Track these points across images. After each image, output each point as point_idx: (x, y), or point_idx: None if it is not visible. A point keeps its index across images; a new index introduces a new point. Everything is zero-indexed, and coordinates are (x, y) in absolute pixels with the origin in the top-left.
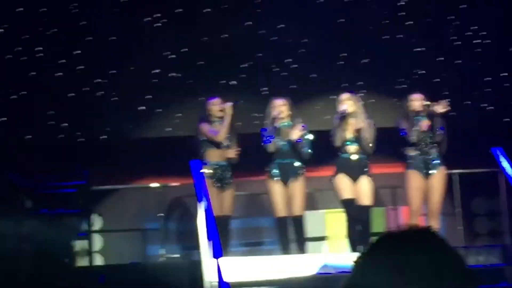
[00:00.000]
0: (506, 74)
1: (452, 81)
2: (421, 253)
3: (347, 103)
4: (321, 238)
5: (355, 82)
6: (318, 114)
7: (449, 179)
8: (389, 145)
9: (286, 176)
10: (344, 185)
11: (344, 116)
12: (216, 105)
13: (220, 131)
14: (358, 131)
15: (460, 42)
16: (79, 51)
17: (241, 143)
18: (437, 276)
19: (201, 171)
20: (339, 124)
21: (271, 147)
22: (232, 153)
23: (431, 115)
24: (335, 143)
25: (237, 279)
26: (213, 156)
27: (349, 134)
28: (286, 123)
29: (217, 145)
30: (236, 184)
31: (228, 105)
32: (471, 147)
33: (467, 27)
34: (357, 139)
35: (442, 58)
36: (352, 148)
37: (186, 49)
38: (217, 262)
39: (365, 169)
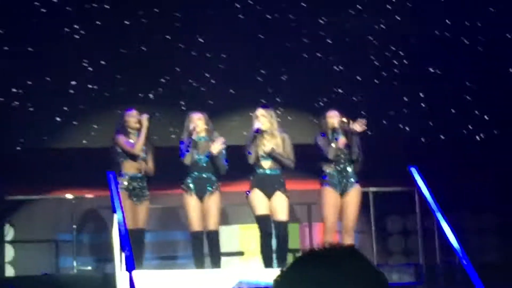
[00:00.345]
0: (422, 95)
1: (370, 100)
2: (343, 271)
3: (261, 119)
4: (236, 253)
5: (273, 99)
6: (234, 129)
7: (364, 197)
8: (305, 161)
9: (202, 191)
10: (259, 201)
11: (258, 133)
12: (132, 117)
13: (136, 143)
14: (272, 147)
15: (378, 63)
16: None
17: (157, 156)
18: None
19: (118, 182)
20: (253, 141)
21: (187, 159)
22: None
23: (347, 133)
24: (249, 160)
25: None
26: (129, 168)
27: (263, 150)
28: (202, 137)
29: (133, 157)
30: (152, 197)
31: (145, 117)
32: (386, 166)
33: (386, 47)
34: (271, 156)
35: (360, 78)
36: (266, 163)
37: (104, 62)
38: (130, 275)
39: (281, 185)
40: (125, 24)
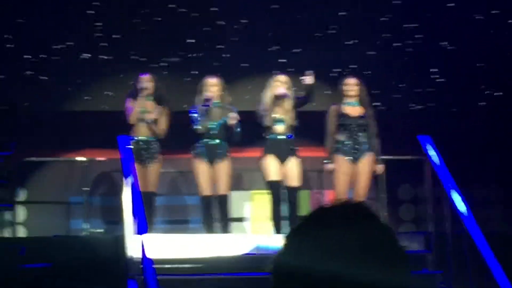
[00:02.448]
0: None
1: (382, 74)
2: (353, 229)
3: (284, 86)
4: (245, 219)
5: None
6: (247, 95)
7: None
8: (317, 129)
9: (212, 157)
10: (272, 167)
11: (278, 97)
12: (144, 81)
13: (132, 112)
14: (287, 112)
15: (390, 34)
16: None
17: (170, 121)
18: (369, 252)
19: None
20: (271, 104)
21: (201, 127)
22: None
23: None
24: (265, 123)
25: (160, 256)
26: (137, 131)
27: (279, 114)
28: (217, 104)
29: (143, 119)
30: (164, 161)
31: (146, 80)
32: (398, 134)
33: (399, 23)
34: (285, 120)
35: (372, 52)
36: (280, 128)
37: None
38: (141, 238)
39: (293, 149)
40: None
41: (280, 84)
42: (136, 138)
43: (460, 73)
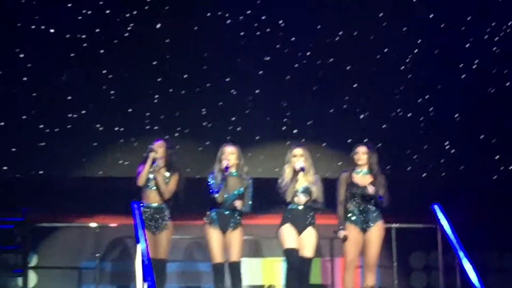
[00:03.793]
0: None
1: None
2: None
3: (301, 159)
4: (258, 287)
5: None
6: (261, 162)
7: (387, 232)
8: (329, 196)
9: (225, 224)
10: (288, 235)
11: (303, 171)
12: (157, 147)
13: (142, 174)
14: (308, 185)
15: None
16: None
17: (186, 187)
18: None
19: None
20: (291, 179)
21: (220, 198)
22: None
23: (372, 171)
24: (287, 198)
25: None
26: (146, 197)
27: (299, 186)
28: (233, 173)
29: (145, 186)
30: (177, 228)
31: (154, 149)
32: (409, 202)
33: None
34: (307, 192)
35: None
36: (302, 199)
37: (132, 107)
38: None
39: (312, 220)
40: (154, 66)
41: (297, 158)
42: (146, 205)
43: (470, 144)
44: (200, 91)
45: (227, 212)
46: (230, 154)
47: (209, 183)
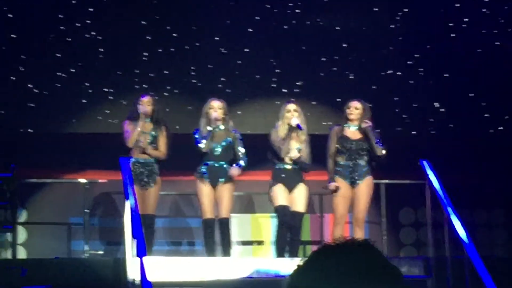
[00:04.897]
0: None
1: (383, 94)
2: (357, 265)
3: (295, 114)
4: (247, 242)
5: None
6: (253, 117)
7: (377, 188)
8: (318, 152)
9: (215, 179)
10: (280, 194)
11: (300, 128)
12: (143, 103)
13: (131, 136)
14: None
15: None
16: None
17: (173, 142)
18: (375, 283)
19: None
20: (286, 135)
21: (205, 147)
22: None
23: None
24: (281, 154)
25: (160, 279)
26: (135, 152)
27: (292, 145)
28: (219, 127)
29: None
30: (165, 183)
31: (142, 118)
32: (399, 159)
33: (405, 52)
34: (298, 151)
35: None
36: (293, 155)
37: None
38: (141, 261)
39: (301, 177)
40: (143, 25)
41: (291, 114)
42: (135, 160)
43: (461, 102)
44: (189, 49)
45: (217, 164)
46: (218, 108)
47: (195, 136)
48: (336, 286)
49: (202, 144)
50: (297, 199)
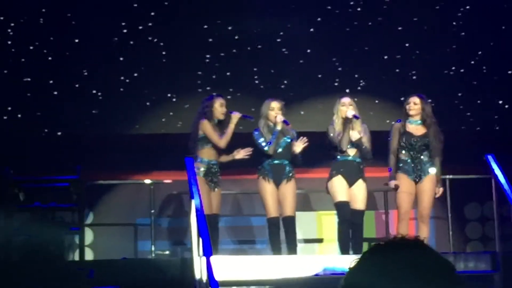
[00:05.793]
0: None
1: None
2: (408, 261)
3: (350, 107)
4: (312, 240)
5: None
6: (313, 115)
7: (442, 184)
8: (381, 148)
9: (278, 177)
10: (340, 188)
11: (348, 120)
12: (221, 106)
13: (224, 138)
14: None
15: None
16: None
17: (234, 141)
18: (427, 279)
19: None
20: (344, 128)
21: (272, 150)
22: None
23: (425, 121)
24: (342, 147)
25: (226, 278)
26: (207, 154)
27: (352, 137)
28: (278, 127)
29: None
30: (227, 182)
31: (236, 115)
32: (464, 153)
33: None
34: (357, 144)
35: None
36: (352, 151)
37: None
38: (208, 260)
39: (362, 173)
40: (205, 29)
41: (346, 107)
42: (201, 160)
43: None
44: (251, 51)
45: (279, 162)
46: (278, 110)
47: (257, 139)
48: (389, 283)
49: (270, 149)
50: (357, 196)
